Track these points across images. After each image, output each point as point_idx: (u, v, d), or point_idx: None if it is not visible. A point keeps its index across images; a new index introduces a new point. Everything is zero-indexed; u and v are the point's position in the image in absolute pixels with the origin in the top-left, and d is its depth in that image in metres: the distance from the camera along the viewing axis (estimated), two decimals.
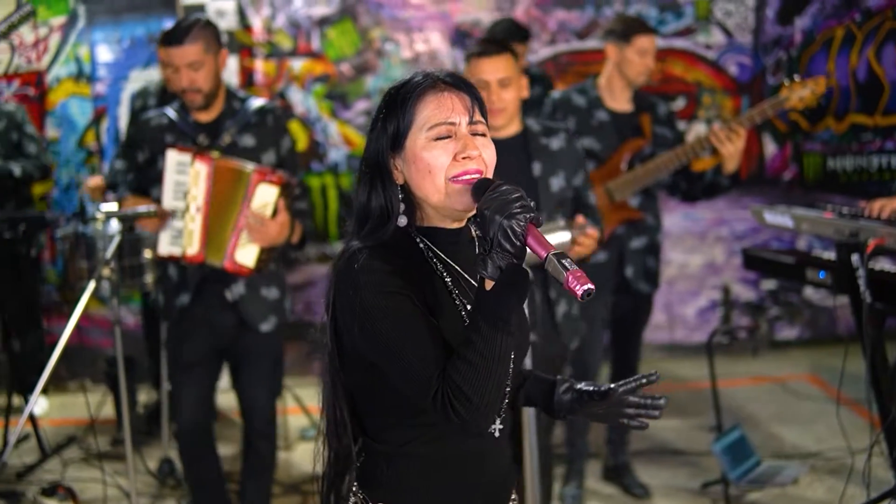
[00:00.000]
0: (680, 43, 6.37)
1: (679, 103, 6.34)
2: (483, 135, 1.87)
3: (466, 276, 1.91)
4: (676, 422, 5.34)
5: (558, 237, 3.19)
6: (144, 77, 5.93)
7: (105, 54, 6.23)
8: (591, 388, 2.04)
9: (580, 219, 3.31)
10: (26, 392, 5.45)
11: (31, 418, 5.15)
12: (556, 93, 4.44)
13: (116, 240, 3.61)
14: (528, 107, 5.01)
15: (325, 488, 2.01)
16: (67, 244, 5.02)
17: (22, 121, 5.65)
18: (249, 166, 3.52)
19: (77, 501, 4.60)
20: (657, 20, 6.29)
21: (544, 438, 3.63)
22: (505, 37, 5.00)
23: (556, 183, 3.47)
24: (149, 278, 4.87)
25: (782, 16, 6.38)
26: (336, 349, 1.91)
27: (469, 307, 1.86)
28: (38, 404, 5.87)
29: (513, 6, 6.19)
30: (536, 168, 3.46)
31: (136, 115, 5.35)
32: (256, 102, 3.81)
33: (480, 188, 1.78)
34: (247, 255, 3.55)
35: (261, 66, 6.23)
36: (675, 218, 6.38)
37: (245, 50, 6.18)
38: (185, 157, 3.55)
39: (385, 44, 6.26)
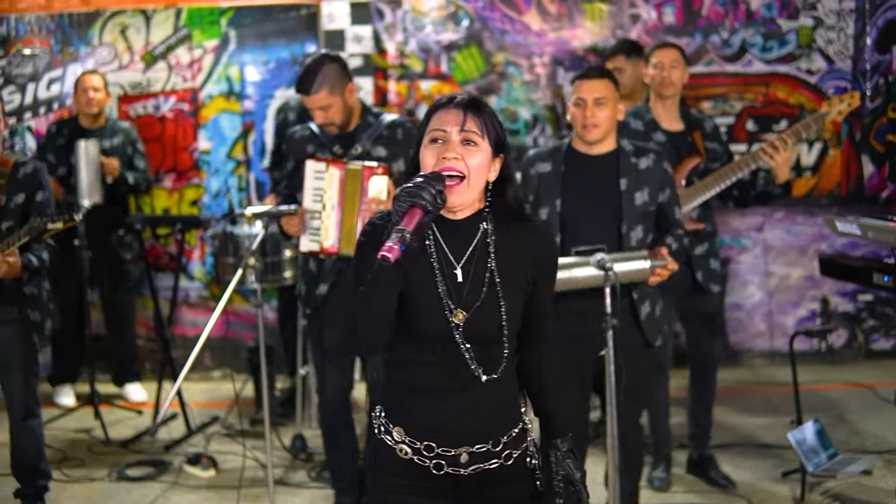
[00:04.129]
0: (783, 68, 6.98)
1: (782, 124, 6.96)
2: (473, 144, 2.40)
3: (451, 257, 2.47)
4: (767, 419, 5.92)
5: (638, 265, 3.84)
6: (288, 95, 6.73)
7: (253, 74, 7.04)
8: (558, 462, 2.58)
9: (663, 251, 3.90)
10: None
11: (180, 399, 5.93)
12: None
13: (261, 234, 4.43)
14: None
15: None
16: (217, 243, 5.82)
17: (136, 138, 6.59)
18: (358, 164, 4.21)
19: (218, 470, 5.35)
20: (762, 47, 6.95)
21: (629, 424, 4.10)
22: (620, 49, 5.88)
23: (640, 198, 3.99)
24: (287, 274, 5.62)
25: (880, 44, 6.97)
26: None
27: (441, 280, 2.46)
28: (137, 391, 6.76)
29: (626, 33, 6.86)
30: (622, 183, 3.98)
31: (280, 128, 6.26)
32: (388, 117, 4.47)
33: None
34: None
35: (394, 87, 6.99)
36: (777, 232, 7.01)
37: (379, 72, 6.94)
38: (321, 166, 4.24)
39: (508, 67, 6.97)
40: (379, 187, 4.16)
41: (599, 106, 3.96)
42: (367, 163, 4.22)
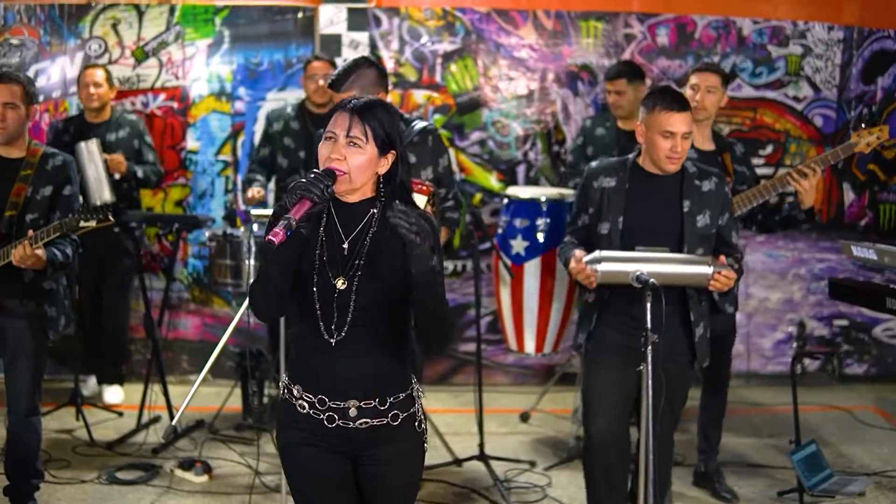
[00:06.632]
0: (771, 94, 7.26)
1: (768, 149, 7.25)
2: (357, 146, 2.84)
3: (341, 230, 2.92)
4: (754, 440, 6.21)
5: (699, 269, 3.99)
6: (280, 98, 6.89)
7: (245, 76, 7.13)
8: None
9: (722, 259, 4.01)
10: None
11: (167, 402, 6.04)
12: None
13: None
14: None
15: None
16: (215, 243, 5.85)
17: (143, 130, 6.64)
18: None
19: (211, 476, 5.42)
20: (752, 73, 7.22)
21: (664, 440, 4.22)
22: (622, 73, 6.15)
23: (702, 220, 4.13)
24: None
25: (866, 75, 7.28)
26: None
27: (326, 250, 2.91)
28: (115, 393, 6.80)
29: (620, 52, 7.11)
30: (686, 205, 4.13)
31: (271, 137, 6.41)
32: (420, 124, 4.61)
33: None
34: None
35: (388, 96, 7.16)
36: (757, 255, 7.26)
37: None
38: None
39: (501, 81, 7.17)
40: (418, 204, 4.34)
41: (686, 139, 4.10)
42: (414, 179, 4.37)
